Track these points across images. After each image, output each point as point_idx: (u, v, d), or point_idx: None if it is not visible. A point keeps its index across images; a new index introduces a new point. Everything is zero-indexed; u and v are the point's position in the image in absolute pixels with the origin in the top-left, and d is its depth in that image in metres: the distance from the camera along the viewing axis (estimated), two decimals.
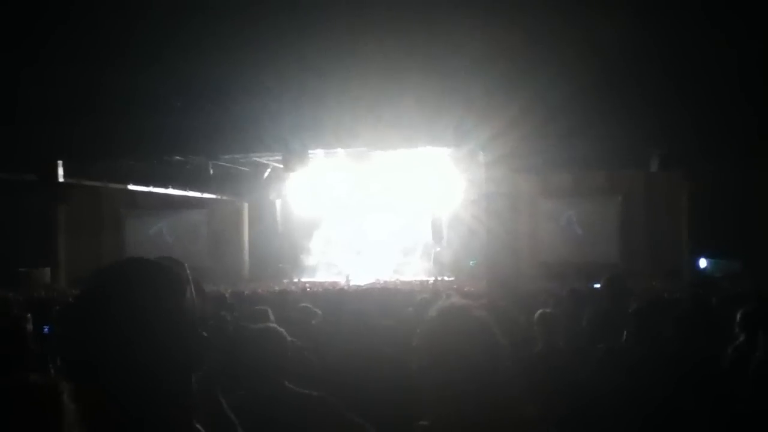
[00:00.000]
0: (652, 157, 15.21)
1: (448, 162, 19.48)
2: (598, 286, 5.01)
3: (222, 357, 3.75)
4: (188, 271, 1.21)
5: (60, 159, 14.30)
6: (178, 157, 16.69)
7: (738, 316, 3.29)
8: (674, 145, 13.93)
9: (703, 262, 18.48)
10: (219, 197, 22.17)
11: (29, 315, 3.56)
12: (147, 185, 18.56)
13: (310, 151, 13.57)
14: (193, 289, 1.17)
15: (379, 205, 24.16)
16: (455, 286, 15.07)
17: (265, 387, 2.37)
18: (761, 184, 15.74)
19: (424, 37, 10.07)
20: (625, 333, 3.03)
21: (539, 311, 3.61)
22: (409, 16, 9.71)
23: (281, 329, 2.62)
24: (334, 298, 6.42)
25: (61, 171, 14.43)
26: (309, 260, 24.94)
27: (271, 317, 4.38)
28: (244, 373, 2.42)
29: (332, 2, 9.67)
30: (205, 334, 1.16)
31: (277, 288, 13.03)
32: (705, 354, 2.90)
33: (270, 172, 21.80)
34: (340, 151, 17.72)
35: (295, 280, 22.46)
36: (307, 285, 18.14)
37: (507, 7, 9.41)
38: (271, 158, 19.08)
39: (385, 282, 17.92)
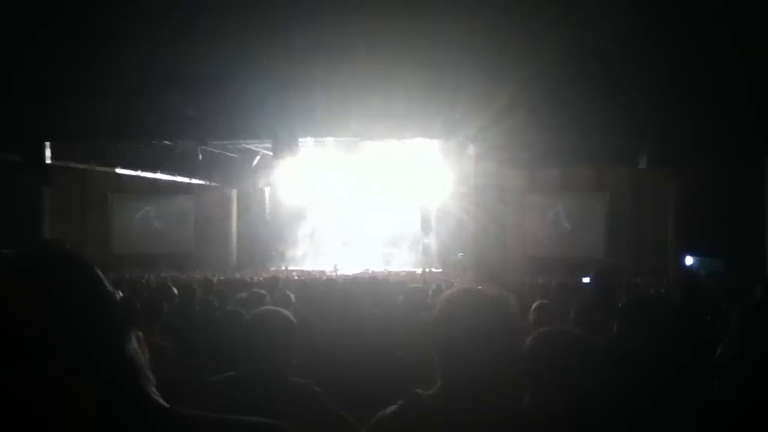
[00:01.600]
0: (640, 154, 15.30)
1: (438, 154, 19.50)
2: (587, 280, 5.04)
3: (212, 341, 3.75)
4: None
5: (47, 140, 14.16)
6: (166, 142, 16.57)
7: (734, 314, 3.31)
8: (662, 142, 14.02)
9: (689, 260, 18.65)
10: (207, 183, 22.06)
11: None
12: (135, 169, 18.42)
13: (299, 140, 13.52)
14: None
15: (369, 195, 24.17)
16: (443, 278, 15.12)
17: (266, 371, 2.35)
18: (747, 183, 15.87)
19: (413, 27, 10.04)
20: (615, 326, 3.05)
21: (537, 302, 3.63)
22: (398, 7, 9.67)
23: (286, 311, 2.60)
24: (322, 286, 6.42)
25: (48, 153, 14.29)
26: (297, 249, 24.93)
27: (269, 300, 4.37)
28: (248, 357, 2.40)
29: None
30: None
31: (264, 275, 13.02)
32: (694, 351, 2.93)
33: (259, 160, 21.72)
34: (330, 140, 17.67)
35: (283, 268, 22.45)
36: (295, 273, 18.15)
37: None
38: (260, 145, 18.99)
39: (373, 272, 17.95)
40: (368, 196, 24.20)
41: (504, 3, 9.41)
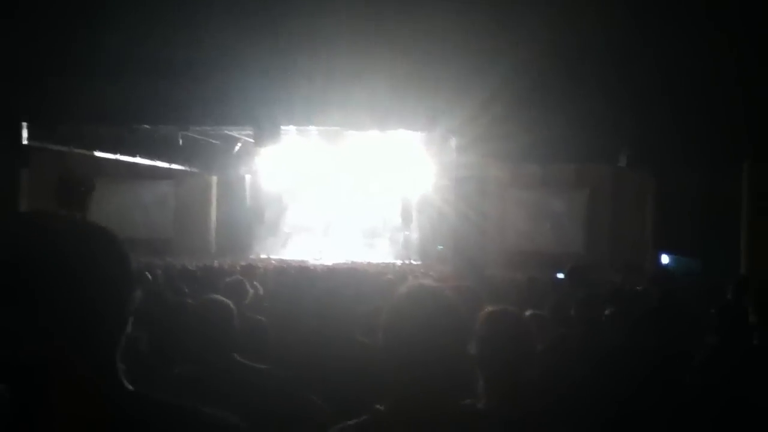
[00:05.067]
0: (620, 153, 15.40)
1: (420, 146, 19.50)
2: (561, 276, 5.07)
3: (162, 331, 3.70)
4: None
5: (25, 121, 13.92)
6: (147, 126, 16.38)
7: (713, 312, 3.35)
8: (642, 142, 14.13)
9: (665, 259, 18.86)
10: (187, 169, 21.85)
11: None
12: (115, 153, 18.19)
13: (282, 128, 13.43)
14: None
15: (350, 185, 24.13)
16: (422, 270, 15.15)
17: (212, 359, 2.35)
18: (725, 185, 16.06)
19: (396, 18, 10.02)
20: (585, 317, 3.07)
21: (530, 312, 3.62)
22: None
23: (227, 300, 2.59)
24: (301, 275, 6.39)
25: (25, 133, 14.05)
26: (277, 237, 24.83)
27: (249, 289, 4.33)
28: (190, 347, 2.40)
29: None
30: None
31: (242, 263, 12.95)
32: (671, 348, 2.95)
33: (240, 147, 21.55)
34: (312, 129, 17.58)
35: (263, 256, 22.35)
36: (273, 261, 18.08)
37: None
38: (242, 132, 18.84)
39: (353, 262, 17.95)
40: (350, 187, 24.16)
41: None
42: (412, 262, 21.95)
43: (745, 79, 10.86)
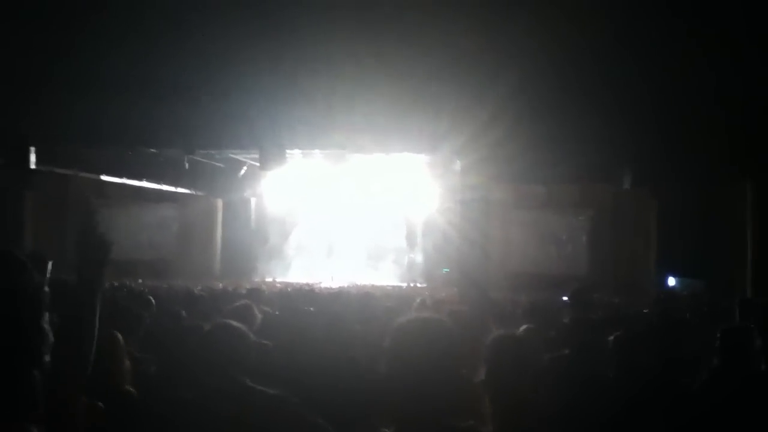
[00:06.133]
0: (623, 174, 15.45)
1: (424, 168, 19.58)
2: (565, 299, 5.09)
3: (171, 355, 3.71)
4: (48, 264, 1.17)
5: (32, 145, 14.02)
6: (152, 150, 16.51)
7: (718, 335, 3.35)
8: (645, 163, 14.18)
9: (671, 281, 18.81)
10: (193, 192, 21.95)
11: None
12: (120, 177, 18.31)
13: (287, 151, 13.53)
14: (40, 281, 1.11)
15: (355, 208, 24.16)
16: (427, 293, 15.12)
17: (225, 384, 2.37)
18: (729, 205, 16.07)
19: (398, 41, 10.14)
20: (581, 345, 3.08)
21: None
22: (383, 21, 9.78)
23: (241, 326, 2.62)
24: (306, 299, 6.41)
25: (33, 158, 14.15)
26: (282, 260, 24.83)
27: (257, 313, 4.35)
28: (202, 371, 2.42)
29: (308, 8, 9.70)
30: (47, 327, 1.10)
31: (247, 286, 12.96)
32: (670, 373, 2.97)
33: (246, 170, 21.66)
34: (317, 152, 17.68)
35: (268, 279, 22.34)
36: (278, 284, 18.07)
37: (482, 12, 9.50)
38: (247, 156, 18.96)
39: (357, 286, 17.92)
40: (354, 209, 24.20)
41: (489, 18, 9.52)
42: (417, 284, 21.89)
43: (747, 97, 10.93)
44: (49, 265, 1.06)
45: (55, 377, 1.09)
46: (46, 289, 1.10)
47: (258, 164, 14.43)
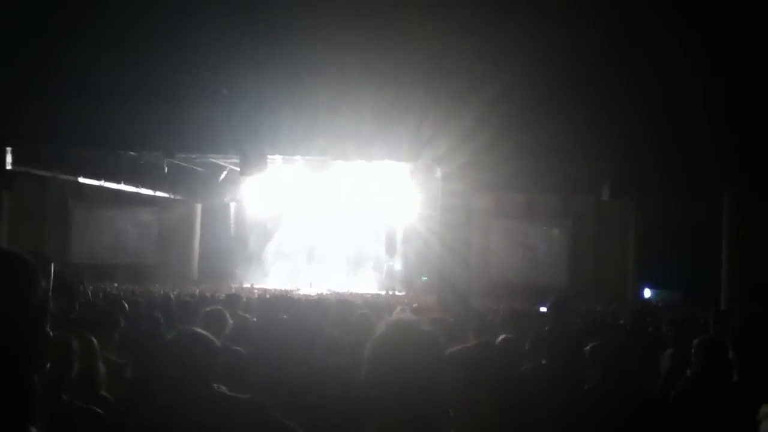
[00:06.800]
0: (603, 185, 15.59)
1: (406, 175, 19.61)
2: (544, 309, 5.10)
3: (148, 360, 3.68)
4: (51, 266, 1.14)
5: (8, 145, 13.84)
6: (132, 153, 16.36)
7: (694, 344, 3.38)
8: (624, 174, 14.33)
9: (647, 292, 19.01)
10: (172, 196, 21.78)
11: None
12: (98, 179, 18.10)
13: (268, 157, 13.47)
14: (46, 285, 1.08)
15: (335, 214, 24.13)
16: (406, 301, 15.12)
17: (193, 389, 2.35)
18: (706, 217, 16.28)
19: (380, 49, 10.16)
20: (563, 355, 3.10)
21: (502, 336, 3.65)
22: (365, 28, 9.79)
23: (205, 332, 2.60)
24: (285, 305, 6.36)
25: (9, 158, 13.96)
26: (260, 266, 24.72)
27: (229, 319, 4.30)
28: (171, 376, 2.40)
29: (290, 13, 9.68)
30: (50, 332, 1.08)
31: (226, 292, 12.87)
32: (645, 383, 2.98)
33: (226, 175, 21.55)
34: (298, 158, 17.64)
35: (246, 285, 22.21)
36: (256, 290, 17.97)
37: (466, 21, 9.54)
38: (227, 160, 18.86)
39: (336, 293, 17.88)
40: (335, 216, 24.16)
41: (472, 26, 9.56)
42: (396, 293, 21.89)
43: (726, 110, 11.09)
44: (52, 266, 1.04)
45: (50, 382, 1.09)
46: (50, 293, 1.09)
47: (238, 169, 14.35)
